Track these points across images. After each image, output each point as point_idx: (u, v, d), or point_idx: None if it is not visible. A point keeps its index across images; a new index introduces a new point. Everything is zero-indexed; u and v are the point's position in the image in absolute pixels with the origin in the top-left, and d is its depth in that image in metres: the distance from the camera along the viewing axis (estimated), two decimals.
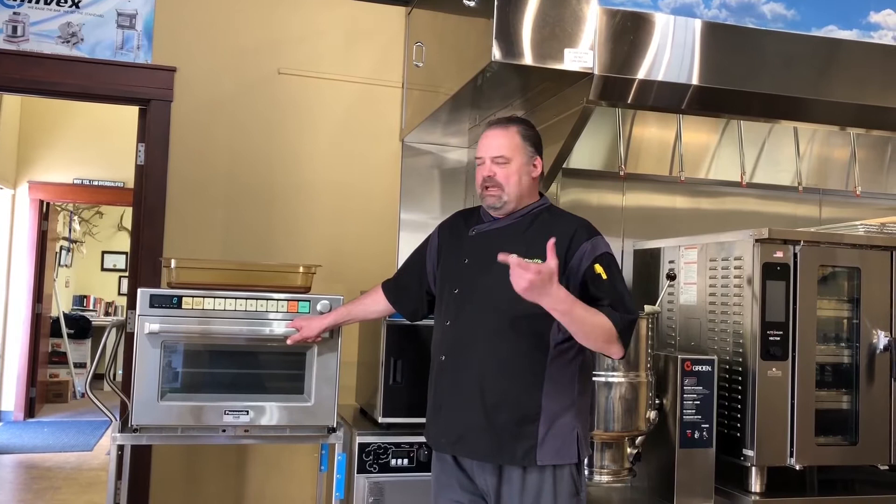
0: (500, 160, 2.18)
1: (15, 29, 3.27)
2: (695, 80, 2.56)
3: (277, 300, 2.62)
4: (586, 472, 2.51)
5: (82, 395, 8.18)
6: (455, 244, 2.31)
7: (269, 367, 2.68)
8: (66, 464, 5.66)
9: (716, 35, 2.59)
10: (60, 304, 8.38)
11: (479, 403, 2.11)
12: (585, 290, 2.10)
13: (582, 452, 2.14)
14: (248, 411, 2.58)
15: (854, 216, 3.47)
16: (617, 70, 2.49)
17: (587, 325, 2.02)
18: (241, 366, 2.66)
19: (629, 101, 2.60)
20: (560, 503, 2.10)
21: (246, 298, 2.59)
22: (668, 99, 2.62)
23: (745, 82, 2.62)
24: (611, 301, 2.08)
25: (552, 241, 1.94)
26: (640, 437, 2.55)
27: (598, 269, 2.10)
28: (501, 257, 1.92)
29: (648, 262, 3.18)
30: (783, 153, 3.56)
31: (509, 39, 2.40)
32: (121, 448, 2.60)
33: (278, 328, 2.59)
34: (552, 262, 1.91)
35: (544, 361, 2.10)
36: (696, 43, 2.56)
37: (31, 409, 7.18)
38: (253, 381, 2.66)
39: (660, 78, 2.53)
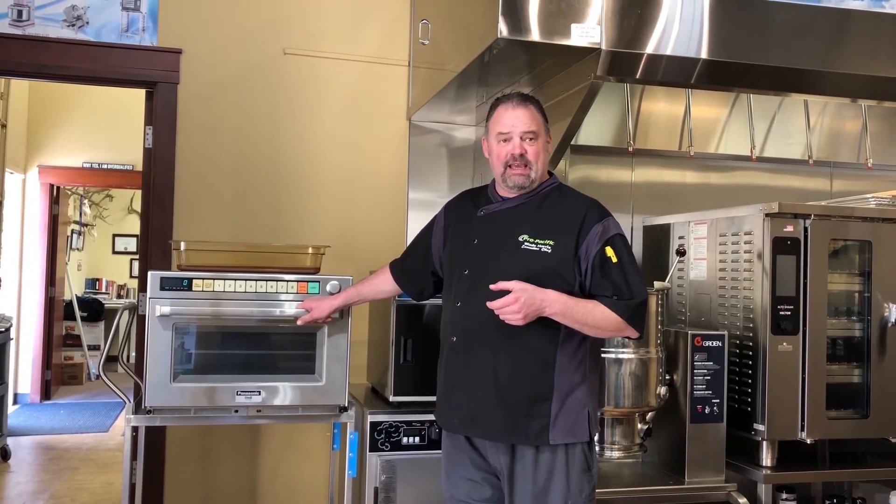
0: (530, 135, 2.16)
1: (20, 13, 3.26)
2: (704, 54, 2.53)
3: (287, 281, 2.63)
4: (597, 449, 2.53)
5: (97, 377, 8.24)
6: (463, 224, 2.30)
7: (280, 348, 2.69)
8: (82, 445, 5.73)
9: (724, 7, 2.56)
10: (73, 288, 8.43)
11: (493, 383, 2.12)
12: (595, 273, 2.09)
13: (593, 430, 2.15)
14: (260, 391, 2.60)
15: (865, 189, 3.44)
16: (625, 45, 2.46)
17: (588, 323, 2.05)
18: (253, 346, 2.67)
19: (637, 77, 2.58)
20: (572, 480, 2.10)
21: (256, 280, 2.60)
22: (676, 73, 2.60)
23: (755, 55, 2.59)
24: (618, 286, 2.08)
25: (500, 284, 1.99)
26: (650, 413, 2.56)
27: (609, 252, 2.09)
28: (496, 287, 2.00)
29: (658, 237, 3.17)
30: (793, 126, 3.53)
31: (516, 15, 2.38)
32: (135, 429, 2.62)
33: (289, 309, 2.60)
34: (511, 283, 1.98)
35: (556, 340, 2.10)
36: (704, 16, 2.53)
37: (46, 392, 7.26)
38: (264, 362, 2.68)
39: (668, 52, 2.51)
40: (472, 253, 2.22)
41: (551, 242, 2.10)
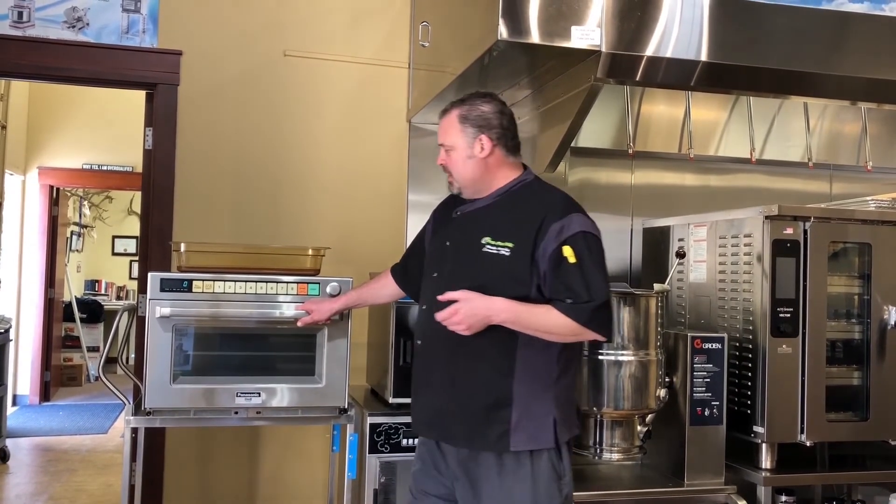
0: (445, 147, 2.18)
1: (20, 14, 3.27)
2: (703, 57, 2.53)
3: (287, 283, 2.63)
4: (597, 451, 2.53)
5: (96, 379, 8.24)
6: (441, 227, 2.28)
7: (280, 350, 2.70)
8: (81, 446, 5.72)
9: (724, 10, 2.56)
10: (72, 289, 8.43)
11: (451, 389, 2.09)
12: (550, 275, 2.01)
13: (560, 437, 2.06)
14: (259, 393, 2.60)
15: (865, 191, 3.44)
16: (625, 47, 2.46)
17: (542, 329, 2.00)
18: (253, 348, 2.68)
19: (637, 79, 2.58)
20: (540, 488, 2.04)
21: (256, 281, 2.60)
22: (676, 76, 2.60)
23: (755, 58, 2.59)
24: (572, 288, 1.98)
25: (447, 294, 2.00)
26: (650, 415, 2.55)
27: (567, 251, 1.99)
28: (442, 298, 2.00)
29: (658, 240, 3.17)
30: (793, 129, 3.53)
31: (516, 17, 2.38)
32: (134, 431, 2.62)
33: (288, 310, 2.60)
34: (457, 293, 1.98)
35: (514, 346, 2.04)
36: (704, 18, 2.53)
37: (46, 393, 7.25)
38: (264, 364, 2.68)
39: (668, 55, 2.51)
40: (443, 255, 2.20)
41: (510, 244, 2.04)
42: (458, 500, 2.13)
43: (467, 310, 1.97)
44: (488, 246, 2.06)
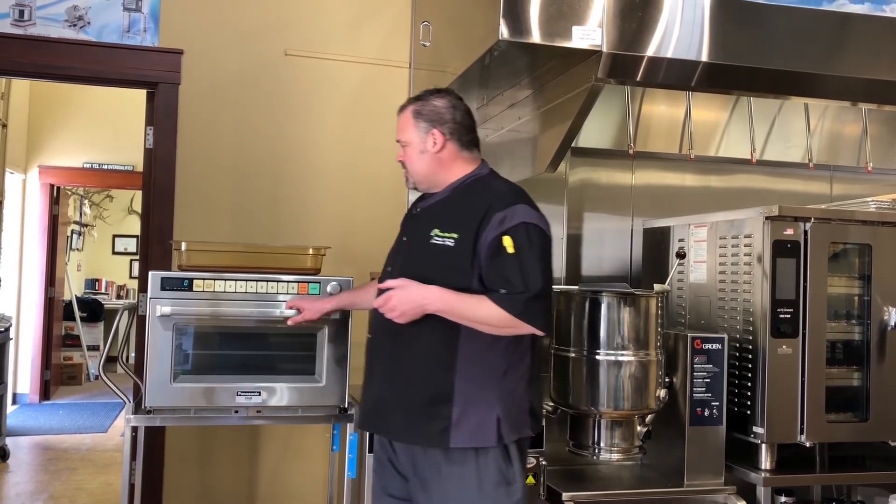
0: (402, 143, 2.21)
1: (22, 13, 3.27)
2: (704, 57, 2.53)
3: (287, 282, 2.63)
4: (595, 451, 2.53)
5: (96, 378, 8.24)
6: (405, 224, 2.32)
7: (280, 349, 2.70)
8: (81, 445, 5.72)
9: (725, 10, 2.56)
10: (73, 288, 8.43)
11: (392, 382, 2.10)
12: (487, 264, 2.00)
13: (505, 436, 2.01)
14: (259, 392, 2.60)
15: (866, 192, 3.44)
16: (625, 47, 2.46)
17: (474, 319, 1.98)
18: (253, 347, 2.68)
19: (638, 79, 2.58)
20: (485, 491, 2.00)
21: (256, 280, 2.60)
22: (677, 76, 2.60)
23: (756, 58, 2.59)
24: (507, 279, 1.96)
25: (386, 283, 2.04)
26: (650, 416, 2.56)
27: (507, 241, 1.97)
28: (382, 286, 2.03)
29: (658, 240, 3.18)
30: (794, 129, 3.53)
31: (517, 17, 2.38)
32: (135, 429, 2.63)
33: (289, 310, 2.60)
34: (395, 281, 2.02)
35: (456, 339, 2.02)
36: (705, 19, 2.53)
37: (46, 392, 7.26)
38: (264, 363, 2.68)
39: (669, 55, 2.51)
40: (399, 250, 2.24)
41: (455, 236, 2.04)
42: (412, 500, 2.12)
43: (402, 296, 1.99)
44: (436, 238, 2.07)
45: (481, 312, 1.97)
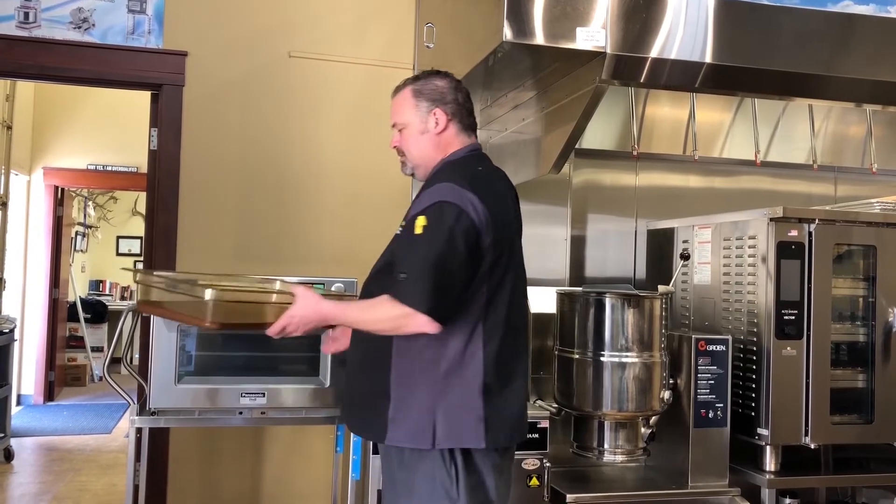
0: (398, 126, 2.12)
1: (27, 15, 3.28)
2: (708, 58, 2.53)
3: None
4: (598, 453, 2.53)
5: (100, 379, 8.25)
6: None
7: (284, 350, 2.70)
8: (85, 446, 5.73)
9: (729, 12, 2.56)
10: (77, 289, 8.45)
11: (349, 375, 2.14)
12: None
13: (439, 440, 1.89)
14: (264, 393, 2.60)
15: (870, 194, 3.44)
16: (629, 49, 2.46)
17: (369, 323, 1.94)
18: (257, 348, 2.68)
19: (642, 80, 2.58)
20: (421, 498, 1.92)
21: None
22: (681, 77, 2.60)
23: (760, 60, 2.59)
24: (401, 262, 1.88)
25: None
26: (654, 417, 2.55)
27: (419, 221, 1.87)
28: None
29: (662, 242, 3.17)
30: (798, 131, 3.52)
31: (520, 19, 2.38)
32: (139, 431, 2.63)
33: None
34: (281, 321, 1.94)
35: (389, 337, 1.95)
36: (709, 20, 2.53)
37: (50, 393, 7.26)
38: (268, 364, 2.68)
39: (673, 56, 2.51)
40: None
41: (403, 224, 2.01)
42: None
43: (298, 321, 1.94)
44: (399, 226, 2.04)
45: (374, 310, 1.92)
